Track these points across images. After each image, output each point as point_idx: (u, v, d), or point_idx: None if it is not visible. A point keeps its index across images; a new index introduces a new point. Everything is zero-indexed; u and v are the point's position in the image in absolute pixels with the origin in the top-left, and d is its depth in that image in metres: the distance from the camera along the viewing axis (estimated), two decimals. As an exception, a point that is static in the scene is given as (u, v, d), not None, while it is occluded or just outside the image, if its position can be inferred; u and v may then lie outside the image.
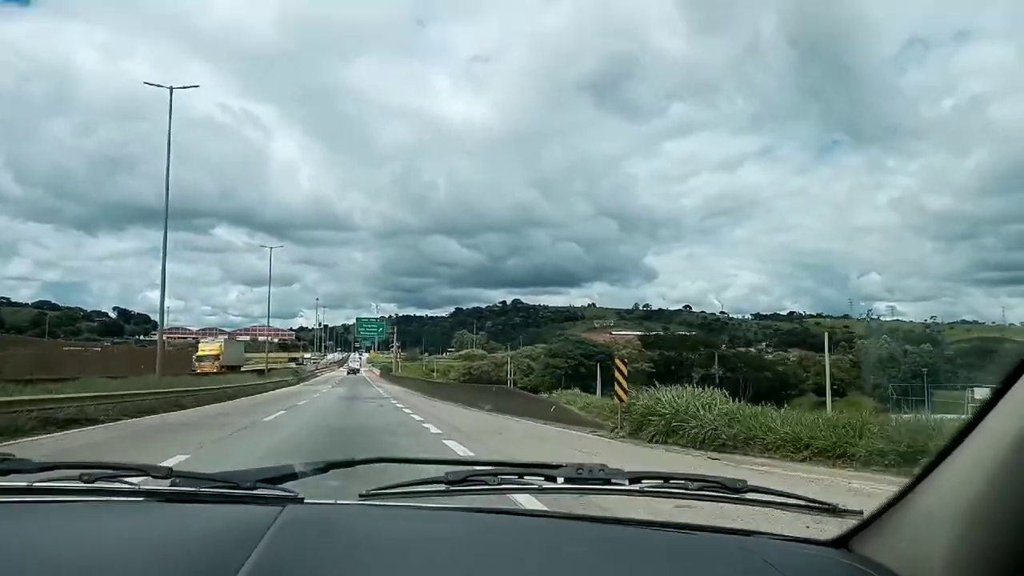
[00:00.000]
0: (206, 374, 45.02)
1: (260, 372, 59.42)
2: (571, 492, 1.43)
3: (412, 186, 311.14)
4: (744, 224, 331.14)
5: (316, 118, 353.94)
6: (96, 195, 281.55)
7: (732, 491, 1.37)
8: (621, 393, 13.98)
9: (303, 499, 1.27)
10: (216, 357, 54.79)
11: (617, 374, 14.62)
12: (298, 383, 54.26)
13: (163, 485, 1.30)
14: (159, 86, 30.39)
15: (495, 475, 1.42)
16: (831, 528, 1.27)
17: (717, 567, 1.10)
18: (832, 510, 1.32)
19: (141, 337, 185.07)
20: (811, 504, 1.38)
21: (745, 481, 1.40)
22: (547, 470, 1.42)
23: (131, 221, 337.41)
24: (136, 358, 40.24)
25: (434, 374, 72.51)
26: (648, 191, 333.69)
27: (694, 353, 66.69)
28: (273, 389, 40.72)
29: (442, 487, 1.39)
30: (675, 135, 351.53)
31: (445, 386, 40.12)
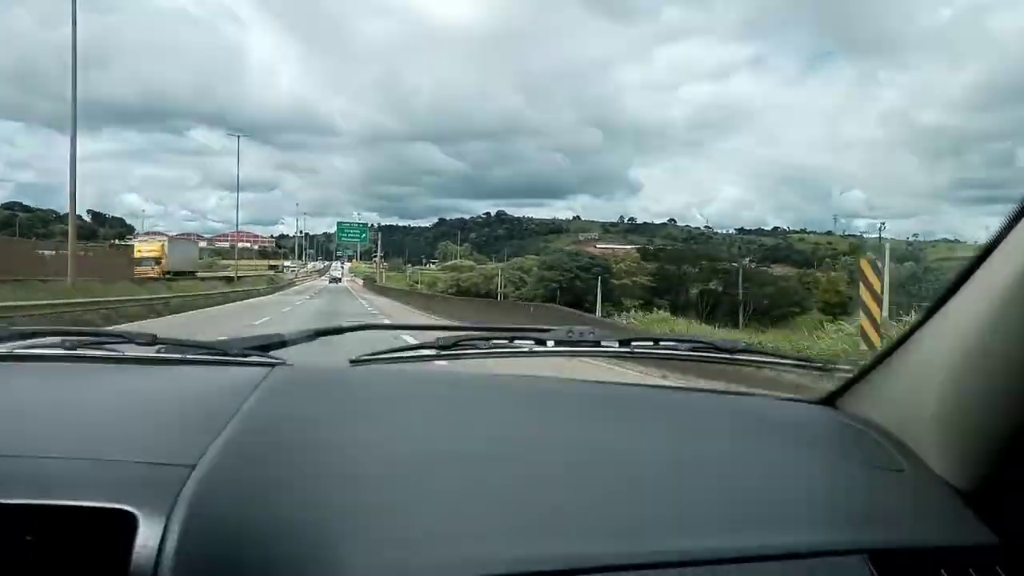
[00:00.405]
0: (149, 280, 37.96)
1: (229, 280, 53.75)
2: (561, 355, 1.41)
3: (395, 89, 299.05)
4: (731, 137, 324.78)
5: (294, 12, 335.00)
6: (67, 92, 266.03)
7: (724, 351, 1.37)
8: (874, 314, 8.45)
9: (292, 365, 1.25)
10: (157, 260, 47.16)
11: (865, 290, 8.61)
12: (272, 292, 49.28)
13: (148, 351, 1.27)
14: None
15: (486, 339, 1.41)
16: (825, 386, 1.25)
17: (710, 424, 1.09)
18: (822, 368, 1.35)
19: (116, 241, 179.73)
20: (801, 363, 1.43)
21: (737, 342, 1.40)
22: (538, 333, 1.41)
23: (106, 121, 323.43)
24: (101, 262, 36.72)
25: (418, 285, 68.43)
26: (636, 99, 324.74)
27: (695, 267, 62.90)
28: (236, 300, 35.35)
29: (432, 352, 1.38)
30: (665, 40, 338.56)
31: (443, 300, 35.69)
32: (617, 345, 1.40)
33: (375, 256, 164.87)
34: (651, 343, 1.43)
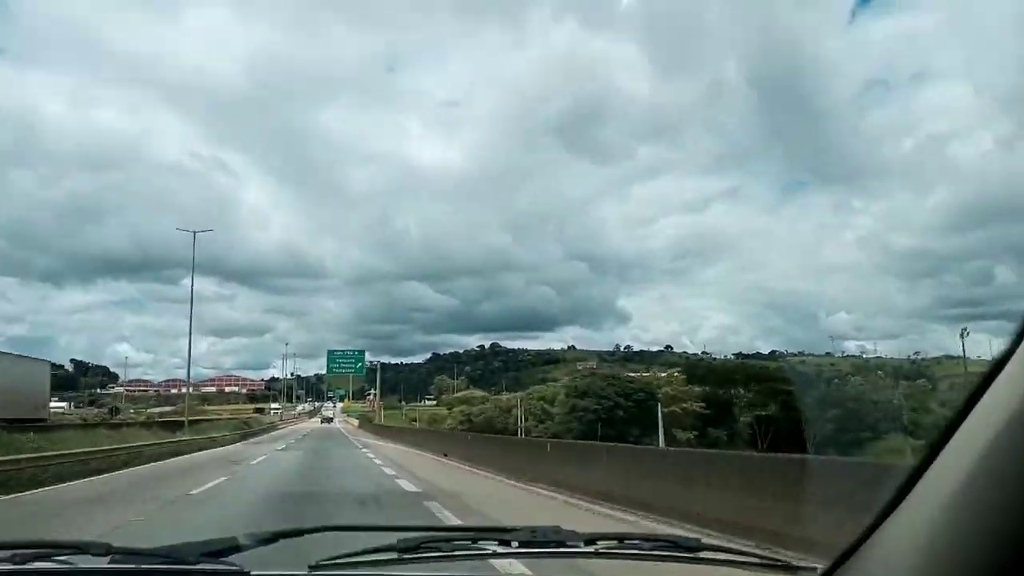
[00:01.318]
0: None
1: (178, 425, 37.92)
2: (524, 556, 1.39)
3: (384, 232, 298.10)
4: (713, 264, 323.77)
5: (286, 165, 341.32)
6: (63, 247, 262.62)
7: (687, 550, 1.38)
8: None
9: (249, 572, 1.23)
10: None
11: None
12: (236, 442, 35.26)
13: (102, 563, 1.24)
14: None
15: (448, 541, 1.39)
16: None
17: None
18: (787, 567, 1.32)
19: (98, 390, 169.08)
20: (765, 561, 1.39)
21: (699, 539, 1.42)
22: (501, 534, 1.40)
23: (99, 273, 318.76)
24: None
25: (415, 423, 57.60)
26: (618, 233, 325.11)
27: (747, 390, 52.81)
28: (152, 460, 20.14)
29: (394, 555, 1.34)
30: (643, 177, 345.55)
31: (462, 442, 25.07)
32: (582, 545, 1.39)
33: (369, 394, 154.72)
34: (616, 542, 1.43)
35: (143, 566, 1.22)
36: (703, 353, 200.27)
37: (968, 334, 61.32)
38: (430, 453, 23.70)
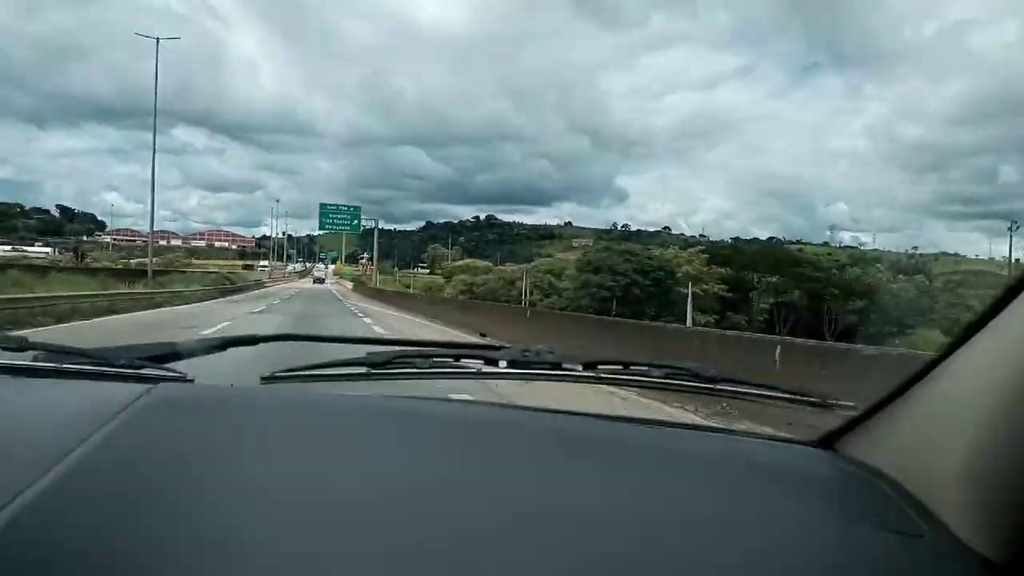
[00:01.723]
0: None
1: (134, 275, 34.67)
2: (514, 377, 1.18)
3: (379, 91, 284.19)
4: (717, 147, 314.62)
5: (278, 10, 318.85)
6: (44, 86, 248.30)
7: (704, 380, 1.15)
8: None
9: (193, 380, 1.06)
10: None
11: None
12: (208, 300, 28.77)
13: (17, 358, 1.06)
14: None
15: (426, 357, 1.20)
16: (819, 425, 1.05)
17: (692, 469, 0.87)
18: (820, 404, 1.11)
19: (85, 238, 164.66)
20: (795, 396, 1.14)
21: (714, 368, 1.16)
22: (487, 351, 1.21)
23: (85, 117, 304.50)
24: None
25: (409, 290, 53.57)
26: (623, 107, 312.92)
27: (774, 274, 48.38)
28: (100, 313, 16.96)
29: (362, 369, 1.14)
30: (653, 48, 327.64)
31: (472, 311, 20.62)
32: (580, 368, 1.17)
33: (362, 257, 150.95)
34: (620, 367, 1.21)
35: (65, 365, 1.03)
36: (700, 236, 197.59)
37: (1018, 227, 56.62)
38: (426, 319, 19.33)
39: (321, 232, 74.64)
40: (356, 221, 57.91)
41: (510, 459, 0.82)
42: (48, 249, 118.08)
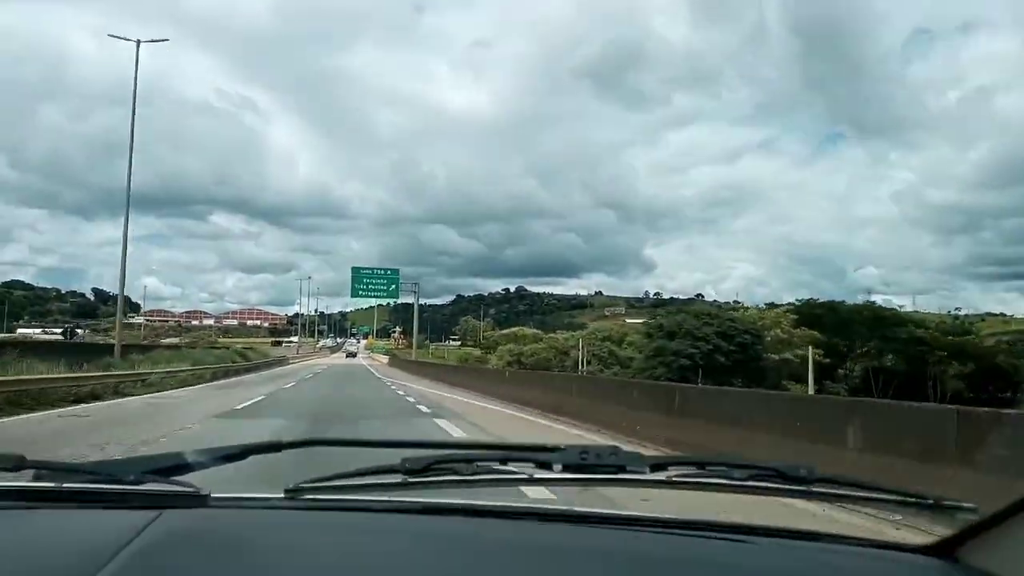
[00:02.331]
0: None
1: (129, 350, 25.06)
2: (571, 484, 1.01)
3: (410, 174, 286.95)
4: (743, 215, 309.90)
5: (313, 104, 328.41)
6: (91, 180, 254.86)
7: (794, 481, 0.96)
8: None
9: (206, 495, 0.94)
10: None
11: None
12: (196, 384, 21.74)
13: (14, 480, 0.96)
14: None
15: (469, 461, 1.01)
16: (930, 528, 1.01)
17: None
18: (934, 506, 0.93)
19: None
20: (904, 497, 0.96)
21: (812, 467, 0.98)
22: (540, 454, 1.02)
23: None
24: None
25: (447, 361, 47.36)
26: (648, 181, 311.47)
27: (874, 335, 41.44)
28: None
29: (398, 478, 0.97)
30: (676, 125, 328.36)
31: (538, 385, 14.37)
32: (647, 470, 0.99)
33: (394, 331, 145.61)
34: (693, 468, 1.03)
35: (66, 485, 0.92)
36: (734, 302, 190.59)
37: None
38: (562, 423, 11.53)
39: (351, 309, 67.98)
40: (393, 287, 49.05)
41: None
42: (80, 331, 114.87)
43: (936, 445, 4.73)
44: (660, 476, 0.99)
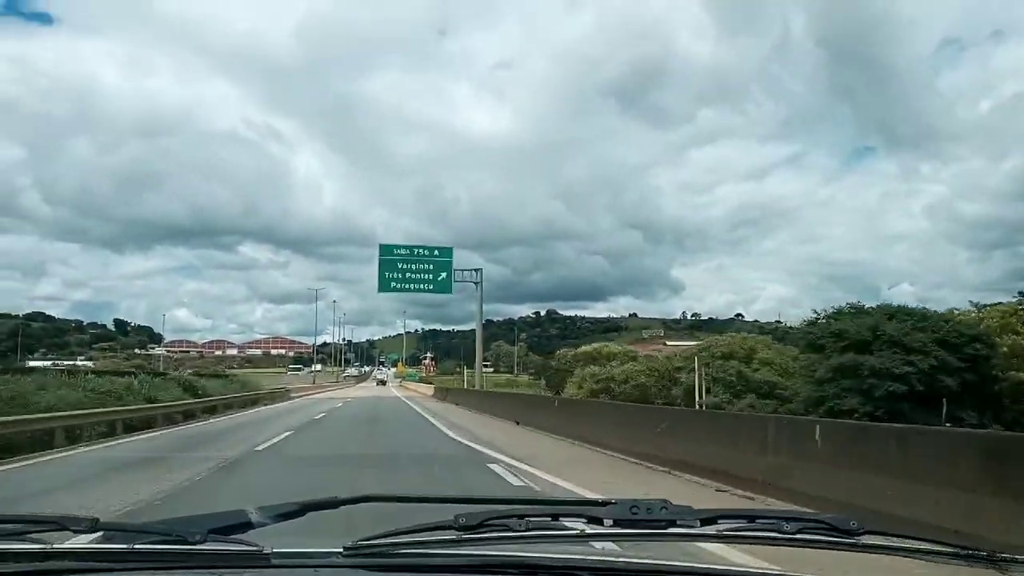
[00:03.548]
0: None
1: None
2: (622, 539, 1.06)
3: (435, 200, 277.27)
4: (772, 234, 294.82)
5: (338, 132, 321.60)
6: (122, 214, 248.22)
7: (843, 533, 0.97)
8: None
9: (268, 553, 0.97)
10: None
11: None
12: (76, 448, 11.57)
13: (85, 542, 1.02)
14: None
15: (521, 517, 1.04)
16: None
17: None
18: (988, 558, 0.91)
19: (137, 350, 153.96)
20: (957, 549, 0.94)
21: (862, 518, 0.99)
22: (590, 508, 1.06)
23: (158, 239, 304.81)
24: None
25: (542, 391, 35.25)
26: (674, 201, 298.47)
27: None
28: None
29: (452, 535, 1.01)
30: (702, 143, 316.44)
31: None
32: (698, 524, 1.00)
33: (424, 358, 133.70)
34: (744, 522, 1.03)
35: (136, 546, 0.96)
36: (776, 322, 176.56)
37: None
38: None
39: (378, 337, 53.82)
40: (444, 276, 32.18)
41: None
42: (90, 363, 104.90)
43: None
44: (711, 530, 1.00)
